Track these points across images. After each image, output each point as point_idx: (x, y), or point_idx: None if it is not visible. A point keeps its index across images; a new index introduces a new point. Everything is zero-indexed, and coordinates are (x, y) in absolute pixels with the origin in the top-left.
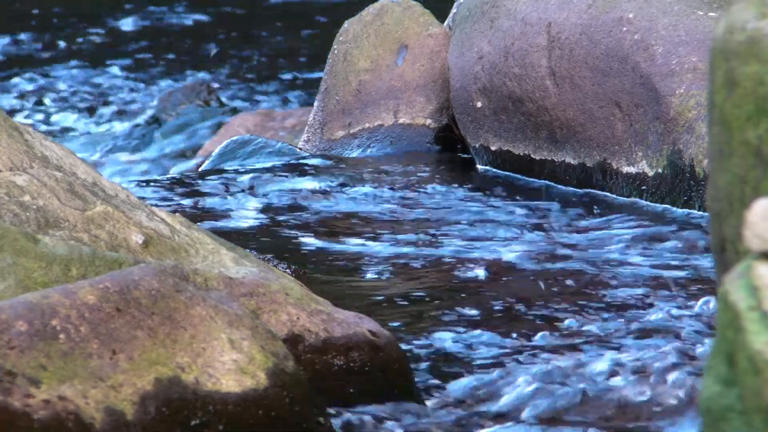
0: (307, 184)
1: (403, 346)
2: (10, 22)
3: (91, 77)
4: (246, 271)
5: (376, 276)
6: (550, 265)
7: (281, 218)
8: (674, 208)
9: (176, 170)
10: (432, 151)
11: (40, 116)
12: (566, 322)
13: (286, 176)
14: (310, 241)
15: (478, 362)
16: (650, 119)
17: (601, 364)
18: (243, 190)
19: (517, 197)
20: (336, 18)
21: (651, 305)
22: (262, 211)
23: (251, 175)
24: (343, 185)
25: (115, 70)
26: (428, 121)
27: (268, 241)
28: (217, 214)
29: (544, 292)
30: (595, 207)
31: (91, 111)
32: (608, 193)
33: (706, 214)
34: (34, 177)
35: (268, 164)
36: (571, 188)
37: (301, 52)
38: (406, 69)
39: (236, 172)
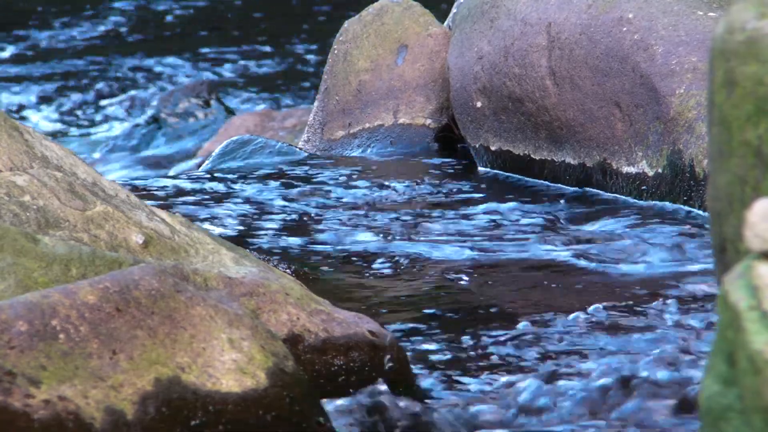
0: (307, 184)
1: (403, 346)
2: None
3: (91, 77)
4: (246, 271)
5: (376, 276)
6: (550, 265)
7: (281, 218)
8: (674, 208)
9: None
10: (432, 151)
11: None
12: (567, 322)
13: (286, 176)
14: (310, 241)
15: (479, 362)
16: (650, 119)
17: (605, 364)
18: (243, 190)
19: (517, 197)
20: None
21: (651, 305)
22: (262, 211)
23: (251, 175)
24: (343, 185)
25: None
26: (428, 121)
27: (267, 241)
28: (217, 214)
29: (545, 292)
30: (595, 207)
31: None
32: (608, 193)
33: (706, 213)
34: (34, 177)
35: (269, 164)
36: (571, 188)
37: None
38: (406, 69)
39: (236, 172)
